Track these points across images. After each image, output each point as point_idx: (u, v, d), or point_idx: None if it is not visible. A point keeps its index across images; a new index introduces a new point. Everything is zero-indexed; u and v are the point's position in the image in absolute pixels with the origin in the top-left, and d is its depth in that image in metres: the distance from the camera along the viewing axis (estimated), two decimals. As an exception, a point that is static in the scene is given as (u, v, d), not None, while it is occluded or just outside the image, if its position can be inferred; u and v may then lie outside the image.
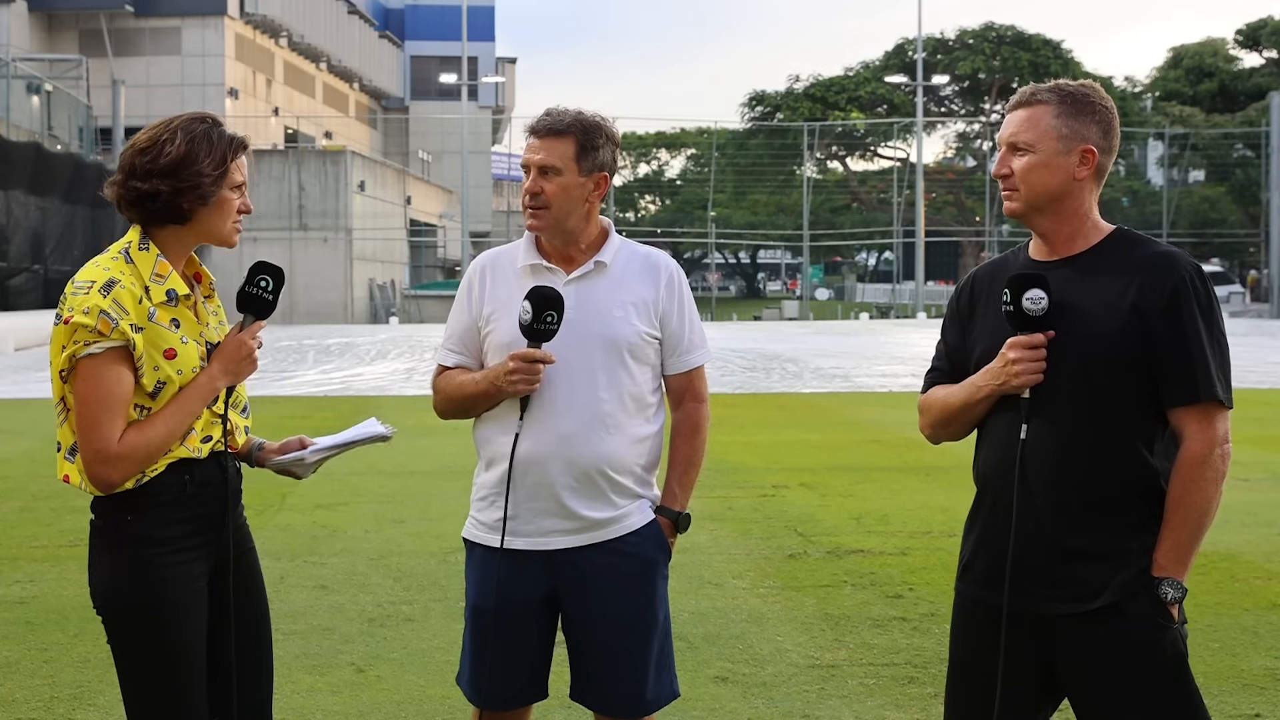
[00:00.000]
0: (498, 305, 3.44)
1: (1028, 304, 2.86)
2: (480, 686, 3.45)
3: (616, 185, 69.68)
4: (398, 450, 12.03)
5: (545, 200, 3.36)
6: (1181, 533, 2.86)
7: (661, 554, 3.47)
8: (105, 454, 2.94)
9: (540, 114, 3.42)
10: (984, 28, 62.47)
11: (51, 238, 35.04)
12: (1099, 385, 2.86)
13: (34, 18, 49.65)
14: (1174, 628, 2.88)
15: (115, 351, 2.94)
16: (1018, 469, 2.90)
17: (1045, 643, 2.93)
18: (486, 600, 3.42)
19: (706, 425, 3.57)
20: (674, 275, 3.50)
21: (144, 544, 3.01)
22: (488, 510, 3.46)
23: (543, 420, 3.35)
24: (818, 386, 19.82)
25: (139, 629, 3.03)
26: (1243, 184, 59.65)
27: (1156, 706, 2.86)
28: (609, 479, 3.39)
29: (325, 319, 44.98)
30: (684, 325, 3.49)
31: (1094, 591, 2.87)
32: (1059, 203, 2.94)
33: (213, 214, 3.08)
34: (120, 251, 3.05)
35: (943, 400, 3.07)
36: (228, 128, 3.13)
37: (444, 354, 3.54)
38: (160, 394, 3.01)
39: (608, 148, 3.41)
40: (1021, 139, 2.94)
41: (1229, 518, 8.73)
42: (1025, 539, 2.91)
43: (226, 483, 3.12)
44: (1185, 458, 2.85)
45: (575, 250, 3.44)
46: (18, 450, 12.65)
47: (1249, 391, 17.74)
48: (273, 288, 3.12)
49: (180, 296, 3.06)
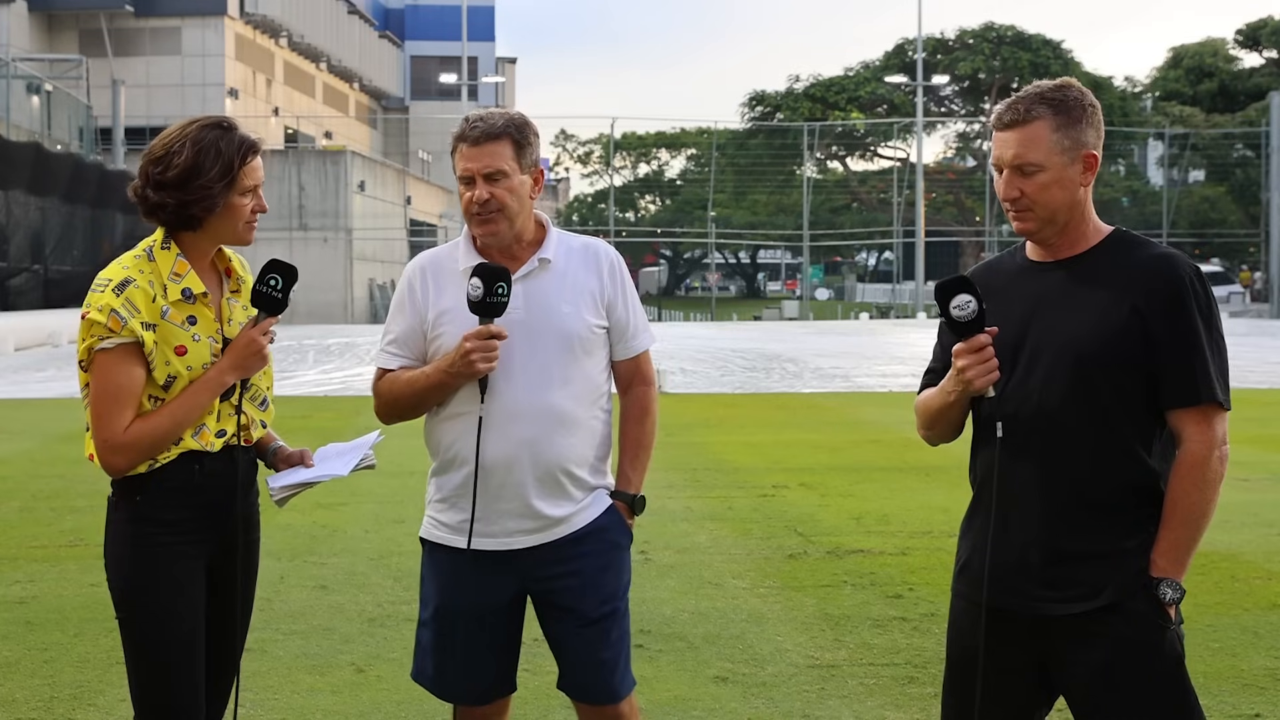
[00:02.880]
0: (444, 310, 3.41)
1: (955, 311, 2.87)
2: (448, 683, 3.47)
3: (617, 185, 69.73)
4: (398, 450, 12.01)
5: (497, 205, 3.35)
6: (1180, 534, 2.86)
7: (623, 538, 3.51)
8: (112, 443, 3.12)
9: (467, 123, 3.40)
10: (984, 28, 62.50)
11: (51, 238, 35.06)
12: (1097, 386, 2.86)
13: (34, 18, 49.67)
14: (1172, 628, 2.89)
15: (126, 347, 3.10)
16: (996, 468, 2.92)
17: (1042, 642, 2.94)
18: (454, 601, 3.43)
19: (655, 407, 3.60)
20: (614, 263, 3.52)
21: (148, 523, 3.18)
22: (449, 511, 3.44)
23: (503, 424, 3.34)
24: (818, 386, 19.82)
25: (138, 602, 3.19)
26: (1243, 184, 59.67)
27: (1153, 706, 2.87)
28: (570, 475, 3.41)
29: (325, 319, 44.98)
30: (629, 312, 3.52)
31: (1092, 592, 2.87)
32: (1068, 212, 2.94)
33: (223, 220, 3.20)
34: (145, 250, 3.21)
35: (924, 403, 3.10)
36: (241, 130, 3.21)
37: (385, 357, 3.50)
38: (172, 387, 3.16)
39: (536, 142, 3.44)
40: (1028, 159, 2.90)
41: (1229, 518, 8.73)
42: (1023, 540, 2.92)
43: (236, 474, 3.25)
44: (1184, 459, 2.86)
45: (518, 248, 3.43)
46: (18, 450, 12.65)
47: (1249, 391, 17.75)
48: (282, 285, 3.21)
49: (198, 295, 3.19)
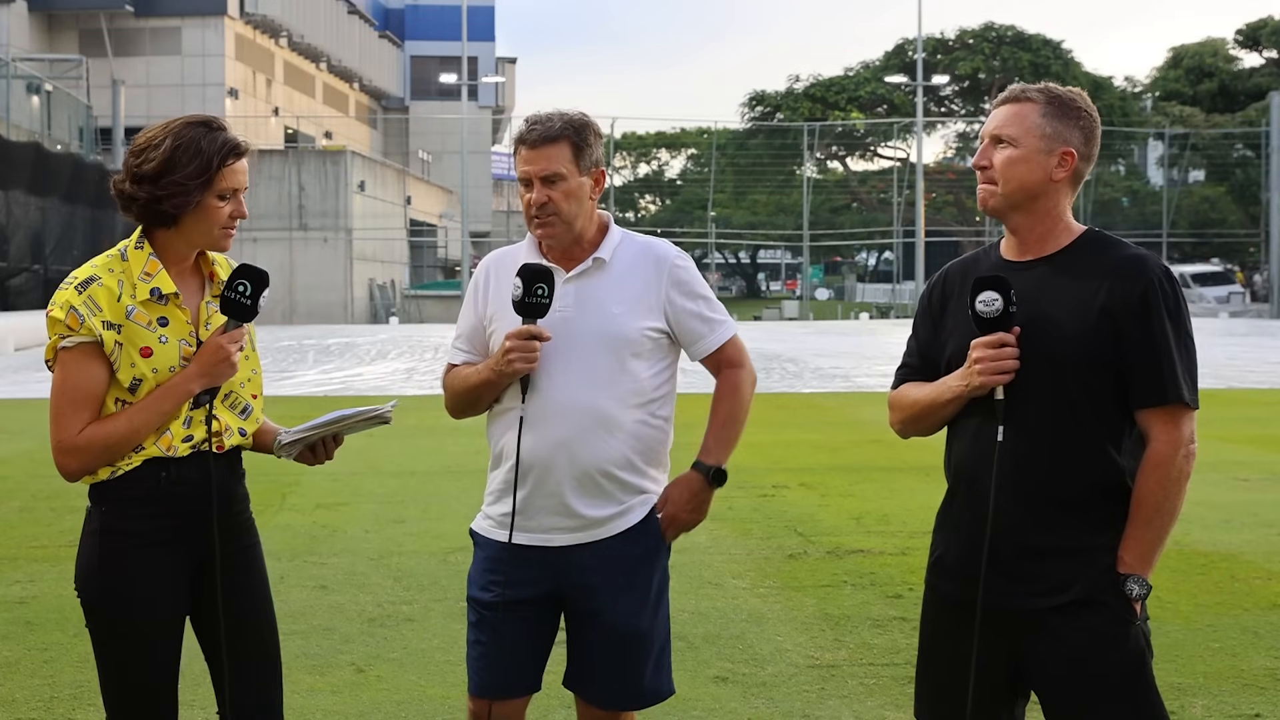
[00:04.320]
0: (498, 308, 3.45)
1: (980, 306, 2.89)
2: (476, 675, 3.47)
3: (617, 185, 69.72)
4: (398, 450, 12.03)
5: (554, 208, 3.35)
6: (1147, 531, 2.90)
7: (660, 550, 3.48)
8: (65, 444, 3.04)
9: (525, 124, 3.40)
10: (984, 28, 62.49)
11: (51, 238, 35.04)
12: (1068, 385, 2.90)
13: (34, 18, 49.65)
14: (1137, 624, 2.93)
15: (85, 347, 3.02)
16: (994, 472, 2.92)
17: (1012, 637, 2.97)
18: (489, 593, 3.43)
19: (747, 386, 3.53)
20: (675, 264, 3.47)
21: (111, 535, 3.08)
22: (496, 505, 3.48)
23: (542, 422, 3.36)
24: (818, 386, 19.83)
25: (102, 615, 3.11)
26: (1243, 184, 59.64)
27: (1117, 701, 2.91)
28: (611, 477, 3.39)
29: (325, 319, 44.97)
30: (694, 313, 3.45)
31: (1061, 586, 2.91)
32: (1034, 201, 2.97)
33: (197, 221, 3.09)
34: (119, 250, 3.12)
35: (912, 397, 3.10)
36: (228, 132, 3.12)
37: (453, 352, 3.57)
38: (139, 390, 3.06)
39: (597, 143, 3.42)
40: (1005, 132, 2.98)
41: (1229, 518, 8.73)
42: (995, 535, 2.94)
43: (210, 482, 3.11)
44: (1151, 458, 2.90)
45: (577, 249, 3.43)
46: (18, 450, 12.66)
47: (1249, 391, 17.75)
48: (251, 292, 3.10)
49: (168, 295, 3.09)
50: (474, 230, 55.58)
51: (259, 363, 3.33)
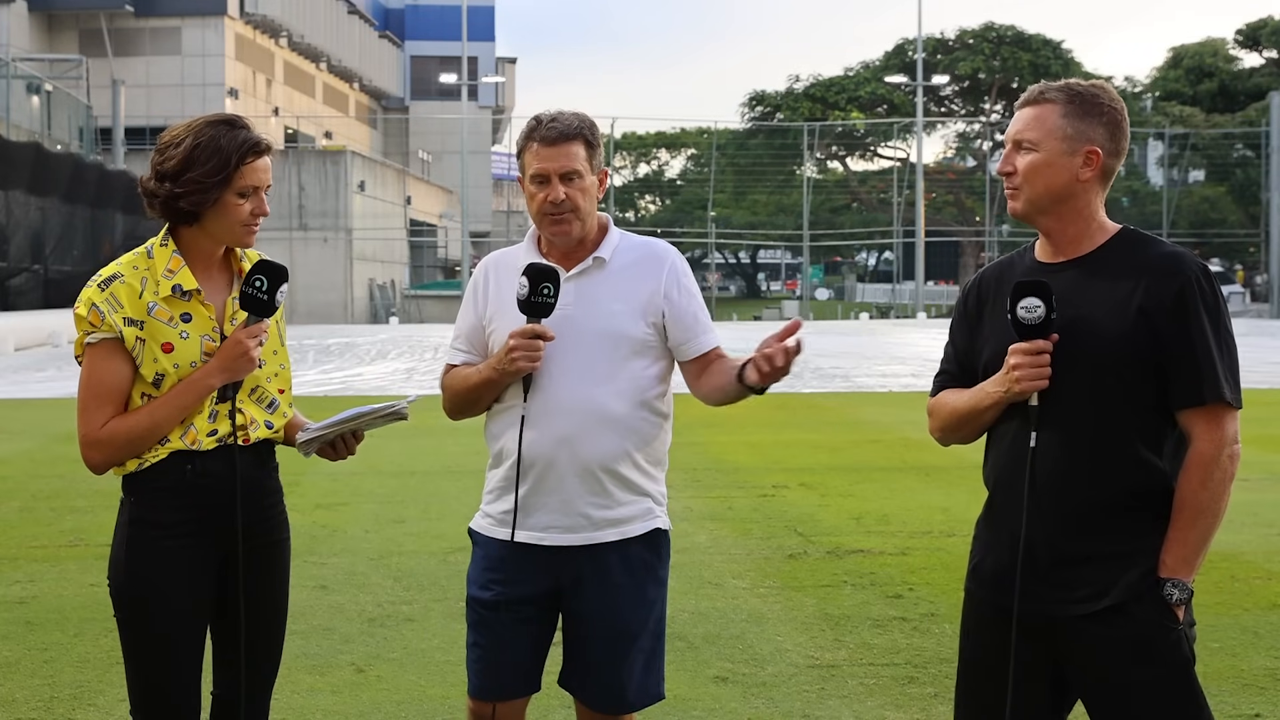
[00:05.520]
0: (498, 308, 3.46)
1: (1022, 313, 2.84)
2: (476, 677, 3.48)
3: (617, 185, 69.76)
4: (398, 450, 12.04)
5: (572, 204, 3.37)
6: (1189, 534, 2.84)
7: (660, 559, 3.50)
8: (89, 438, 3.12)
9: (540, 122, 3.41)
10: (984, 28, 62.48)
11: (51, 238, 35.03)
12: (1107, 387, 2.84)
13: (34, 18, 49.66)
14: (1179, 629, 2.85)
15: (108, 343, 3.09)
16: (1028, 478, 2.88)
17: (1054, 644, 2.92)
18: (489, 592, 3.44)
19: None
20: (674, 264, 3.51)
21: (139, 525, 3.15)
22: (496, 503, 3.49)
23: (544, 420, 3.37)
24: (818, 386, 19.82)
25: (128, 604, 3.16)
26: (1243, 184, 59.64)
27: (1161, 707, 2.85)
28: (612, 473, 3.40)
29: (325, 319, 44.98)
30: (689, 313, 3.48)
31: (1100, 592, 2.85)
32: (1062, 204, 2.92)
33: (218, 217, 3.14)
34: (146, 247, 3.19)
35: (951, 405, 3.05)
36: (250, 131, 3.16)
37: (452, 353, 3.57)
38: (162, 385, 3.12)
39: (601, 144, 3.49)
40: (1026, 137, 2.92)
41: (1229, 517, 8.66)
42: (1033, 541, 2.90)
43: (235, 475, 3.16)
44: (1194, 459, 2.84)
45: (578, 249, 3.46)
46: (18, 450, 12.65)
47: (1249, 391, 17.65)
48: (268, 287, 3.14)
49: (191, 291, 3.14)
50: (474, 230, 55.57)
51: (287, 357, 3.36)
